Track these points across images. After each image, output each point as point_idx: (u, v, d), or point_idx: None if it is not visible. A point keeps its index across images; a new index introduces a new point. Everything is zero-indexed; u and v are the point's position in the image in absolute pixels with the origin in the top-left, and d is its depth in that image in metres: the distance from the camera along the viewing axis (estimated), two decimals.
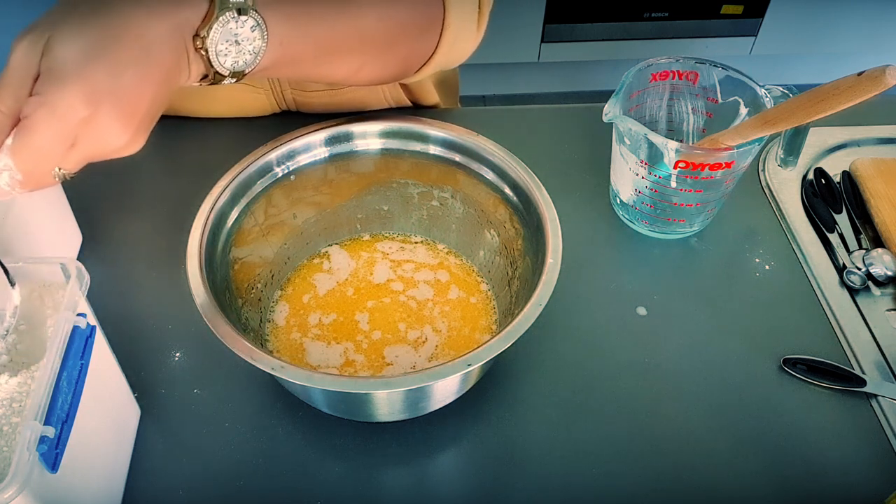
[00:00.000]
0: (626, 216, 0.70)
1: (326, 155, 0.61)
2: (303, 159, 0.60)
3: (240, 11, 0.44)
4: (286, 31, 0.48)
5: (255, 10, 0.45)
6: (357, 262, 0.64)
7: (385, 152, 0.62)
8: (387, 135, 0.61)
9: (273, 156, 0.58)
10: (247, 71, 0.48)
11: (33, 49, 0.40)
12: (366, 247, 0.66)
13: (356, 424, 0.55)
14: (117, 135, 0.42)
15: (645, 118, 0.69)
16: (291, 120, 0.78)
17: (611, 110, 0.61)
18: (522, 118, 0.81)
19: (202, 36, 0.44)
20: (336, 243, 0.66)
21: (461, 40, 0.62)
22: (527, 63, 1.90)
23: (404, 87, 0.77)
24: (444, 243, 0.66)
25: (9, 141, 0.40)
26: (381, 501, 0.52)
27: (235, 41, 0.45)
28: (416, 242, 0.66)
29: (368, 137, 0.61)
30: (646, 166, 0.63)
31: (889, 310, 0.63)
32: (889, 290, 0.65)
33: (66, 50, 0.39)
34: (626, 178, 0.66)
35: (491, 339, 0.47)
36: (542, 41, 1.83)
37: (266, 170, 0.58)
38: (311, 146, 0.60)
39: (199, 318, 0.47)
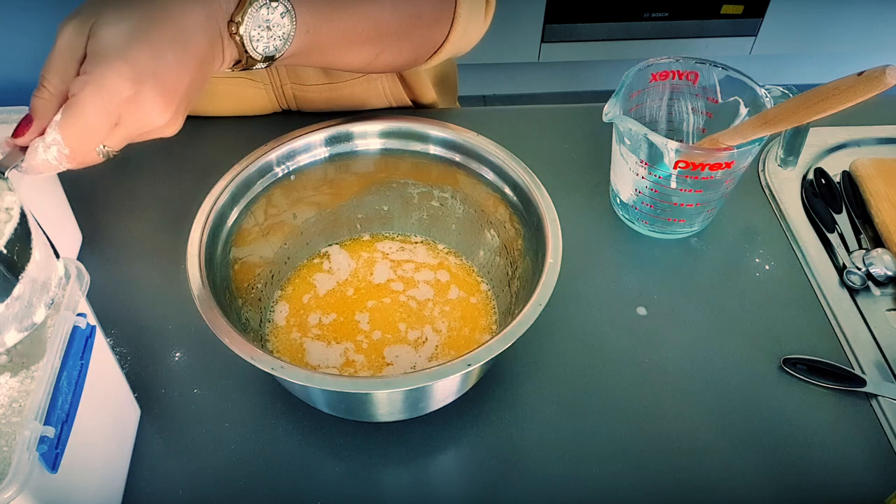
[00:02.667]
0: (626, 216, 0.70)
1: (326, 155, 0.61)
2: (303, 159, 0.60)
3: None
4: (312, 20, 0.51)
5: None
6: (357, 262, 0.64)
7: (385, 152, 0.62)
8: (387, 135, 0.61)
9: (273, 156, 0.58)
10: (277, 56, 0.50)
11: (79, 32, 0.42)
12: (366, 247, 0.66)
13: (356, 424, 0.55)
14: (159, 113, 0.44)
15: (645, 118, 0.69)
16: (291, 120, 0.78)
17: (611, 110, 0.61)
18: (522, 118, 0.81)
19: (237, 22, 0.46)
20: (336, 243, 0.66)
21: (470, 29, 0.64)
22: (527, 63, 1.90)
23: (403, 83, 0.77)
24: (444, 243, 0.66)
25: (58, 117, 0.42)
26: (381, 501, 0.52)
27: (267, 27, 0.48)
28: (416, 242, 0.66)
29: (368, 137, 0.61)
30: (646, 166, 0.63)
31: (889, 310, 0.63)
32: (889, 290, 0.65)
33: (111, 33, 0.42)
34: (626, 178, 0.66)
35: (491, 339, 0.47)
36: (542, 41, 1.83)
37: (266, 170, 0.58)
38: (311, 146, 0.60)
39: (199, 318, 0.47)
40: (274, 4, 0.47)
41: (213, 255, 0.53)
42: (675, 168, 0.61)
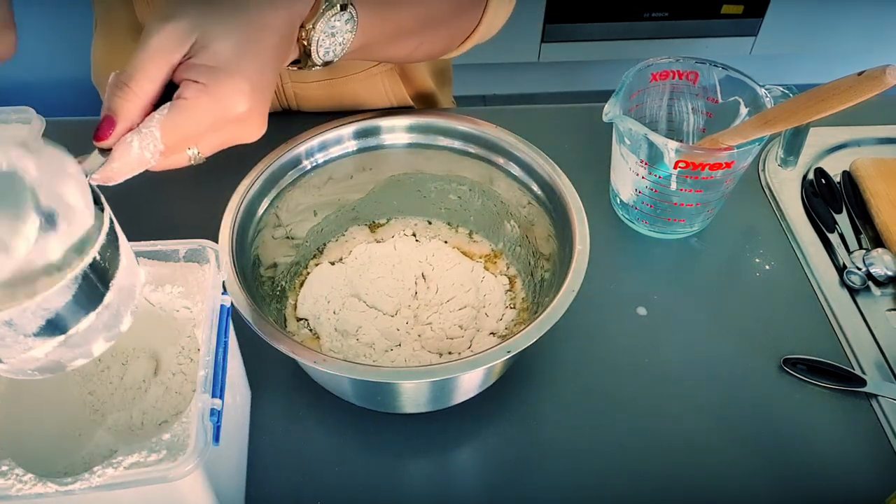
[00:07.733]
0: (626, 216, 0.70)
1: (353, 149, 0.61)
2: (330, 153, 0.60)
3: (342, 7, 0.47)
4: (368, 20, 0.50)
5: (352, 5, 0.47)
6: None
7: (411, 146, 0.62)
8: (414, 129, 0.61)
9: (301, 150, 0.59)
10: (335, 60, 0.50)
11: (179, 40, 0.41)
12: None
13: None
14: (259, 128, 0.44)
15: (645, 118, 0.69)
16: (292, 119, 0.78)
17: (611, 110, 0.61)
18: (522, 118, 0.81)
19: (307, 28, 0.46)
20: (357, 225, 0.67)
21: (500, 13, 0.64)
22: (527, 63, 1.90)
23: (404, 78, 0.77)
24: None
25: (157, 115, 0.40)
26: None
27: (332, 33, 0.47)
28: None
29: (396, 132, 0.61)
30: (646, 166, 0.63)
31: (889, 310, 0.63)
32: (889, 290, 0.65)
33: (224, 46, 0.41)
34: (627, 178, 0.66)
35: (525, 326, 0.47)
36: (542, 41, 1.83)
37: (290, 166, 0.59)
38: (340, 140, 0.60)
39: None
40: (342, 12, 0.47)
41: (242, 251, 0.53)
42: (675, 168, 0.61)
